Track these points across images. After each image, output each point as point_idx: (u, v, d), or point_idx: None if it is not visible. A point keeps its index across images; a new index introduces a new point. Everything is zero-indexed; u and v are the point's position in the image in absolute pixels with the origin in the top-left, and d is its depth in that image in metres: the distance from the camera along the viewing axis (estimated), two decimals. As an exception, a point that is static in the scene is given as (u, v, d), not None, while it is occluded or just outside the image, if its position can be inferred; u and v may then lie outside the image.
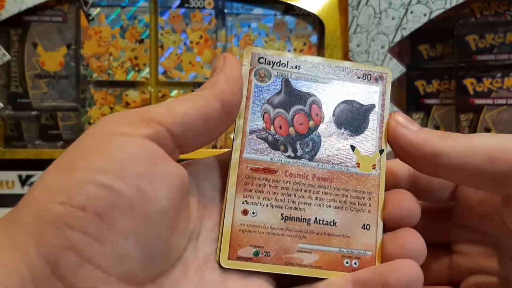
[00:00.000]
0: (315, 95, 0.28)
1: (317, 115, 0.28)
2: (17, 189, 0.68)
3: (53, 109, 0.71)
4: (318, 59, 0.29)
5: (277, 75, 0.28)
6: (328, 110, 0.28)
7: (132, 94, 0.71)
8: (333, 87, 0.28)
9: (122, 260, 0.22)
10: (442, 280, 0.29)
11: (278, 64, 0.28)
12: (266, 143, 0.27)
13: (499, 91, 0.67)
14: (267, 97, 0.28)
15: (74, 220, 0.21)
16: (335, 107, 0.28)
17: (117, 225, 0.22)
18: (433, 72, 0.72)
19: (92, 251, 0.21)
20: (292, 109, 0.28)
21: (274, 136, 0.28)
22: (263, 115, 0.28)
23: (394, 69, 0.68)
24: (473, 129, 0.68)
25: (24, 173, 0.68)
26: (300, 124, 0.28)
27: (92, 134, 0.24)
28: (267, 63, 0.28)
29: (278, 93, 0.28)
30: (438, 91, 0.72)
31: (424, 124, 0.72)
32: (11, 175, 0.68)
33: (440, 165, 0.25)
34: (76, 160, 0.23)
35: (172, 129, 0.24)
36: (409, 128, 0.27)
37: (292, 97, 0.28)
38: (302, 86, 0.28)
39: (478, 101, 0.68)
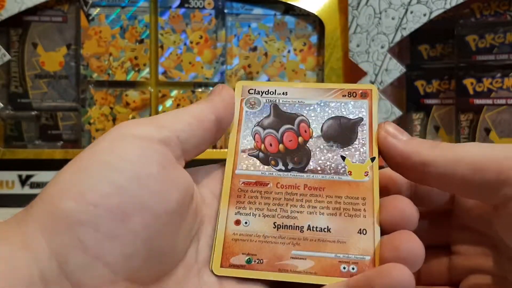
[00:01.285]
0: (303, 115, 0.30)
1: (305, 131, 0.29)
2: (17, 189, 0.68)
3: (53, 109, 0.71)
4: (304, 84, 0.31)
5: (266, 101, 0.30)
6: (316, 127, 0.30)
7: (132, 94, 0.71)
8: (320, 106, 0.30)
9: (130, 259, 0.23)
10: (441, 280, 0.29)
11: (266, 92, 0.31)
12: (257, 160, 0.29)
13: (499, 91, 0.67)
14: (258, 121, 0.30)
15: (86, 216, 0.22)
16: (323, 123, 0.30)
17: (129, 223, 0.22)
18: (433, 72, 0.72)
19: (102, 249, 0.22)
20: (282, 129, 0.30)
21: (265, 153, 0.29)
22: (254, 135, 0.30)
23: (394, 69, 0.68)
24: (473, 129, 0.68)
25: (24, 173, 0.68)
26: (290, 141, 0.29)
27: (106, 138, 0.24)
28: (257, 93, 0.31)
29: (268, 116, 0.30)
30: (438, 91, 0.72)
31: (424, 124, 0.72)
32: (11, 175, 0.68)
33: (428, 174, 0.26)
34: (90, 160, 0.23)
35: (179, 135, 0.26)
36: (399, 138, 0.27)
37: (281, 118, 0.30)
38: (290, 108, 0.30)
39: (478, 101, 0.68)
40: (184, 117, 0.27)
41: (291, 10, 0.73)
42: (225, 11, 0.72)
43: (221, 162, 0.30)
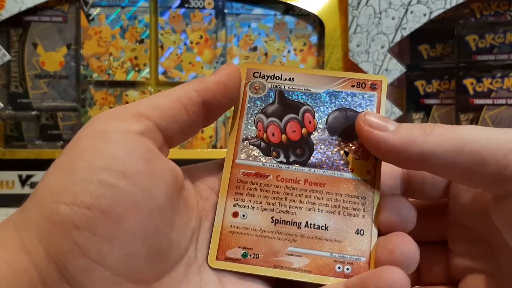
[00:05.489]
0: (308, 104, 0.29)
1: (310, 122, 0.28)
2: (17, 189, 0.68)
3: (53, 109, 0.71)
4: (312, 71, 0.30)
5: (271, 87, 0.29)
6: (321, 118, 0.28)
7: (132, 94, 0.71)
8: (326, 96, 0.29)
9: (130, 259, 0.22)
10: (441, 278, 0.29)
11: (272, 77, 0.29)
12: (258, 150, 0.28)
13: (499, 91, 0.67)
14: (261, 107, 0.29)
15: (80, 220, 0.21)
16: (329, 115, 0.29)
17: (125, 223, 0.22)
18: (433, 72, 0.72)
19: (101, 252, 0.21)
20: (285, 118, 0.28)
21: (267, 143, 0.28)
22: (257, 123, 0.28)
23: (394, 69, 0.68)
24: (473, 129, 0.68)
25: (24, 173, 0.68)
26: (293, 132, 0.28)
27: (86, 134, 0.24)
28: (262, 77, 0.29)
29: (272, 104, 0.29)
30: (438, 91, 0.72)
31: (424, 124, 0.72)
32: (11, 175, 0.68)
33: (428, 165, 0.25)
34: (76, 160, 0.23)
35: (158, 123, 0.24)
36: (387, 129, 0.25)
37: (285, 106, 0.29)
38: (295, 96, 0.29)
39: (478, 101, 0.68)
40: (164, 101, 0.25)
41: (291, 10, 0.73)
42: (225, 11, 0.72)
43: (218, 159, 0.29)
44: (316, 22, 0.73)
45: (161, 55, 0.71)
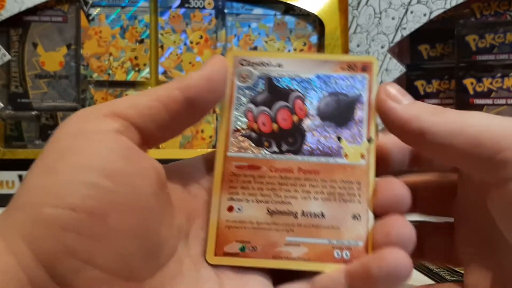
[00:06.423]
0: (298, 91, 0.28)
1: (300, 109, 0.28)
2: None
3: (53, 109, 0.71)
4: (300, 55, 0.30)
5: (260, 75, 0.28)
6: (312, 104, 0.28)
7: (132, 94, 0.71)
8: (317, 81, 0.28)
9: (120, 257, 0.22)
10: (445, 259, 0.29)
11: (260, 64, 0.29)
12: (250, 141, 0.28)
13: (499, 91, 0.67)
14: (250, 97, 0.28)
15: (66, 222, 0.21)
16: (320, 100, 0.28)
17: (110, 222, 0.22)
18: (433, 72, 0.72)
19: (89, 252, 0.21)
20: (275, 106, 0.28)
21: (258, 133, 0.28)
22: (246, 114, 0.28)
23: (394, 69, 0.68)
24: (473, 129, 0.68)
25: (24, 173, 0.68)
26: (284, 120, 0.28)
27: (64, 135, 0.23)
28: (249, 65, 0.29)
29: (261, 92, 0.28)
30: (438, 91, 0.72)
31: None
32: (11, 175, 0.68)
33: (426, 143, 0.25)
34: (57, 161, 0.22)
35: (134, 122, 0.24)
36: (400, 102, 0.26)
37: (275, 94, 0.28)
38: (285, 83, 0.28)
39: (478, 101, 0.68)
40: (142, 100, 0.24)
41: (291, 10, 0.73)
42: (225, 11, 0.72)
43: (204, 154, 0.29)
44: (316, 22, 0.73)
45: (161, 55, 0.71)
